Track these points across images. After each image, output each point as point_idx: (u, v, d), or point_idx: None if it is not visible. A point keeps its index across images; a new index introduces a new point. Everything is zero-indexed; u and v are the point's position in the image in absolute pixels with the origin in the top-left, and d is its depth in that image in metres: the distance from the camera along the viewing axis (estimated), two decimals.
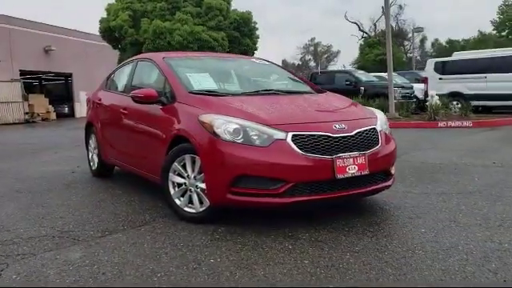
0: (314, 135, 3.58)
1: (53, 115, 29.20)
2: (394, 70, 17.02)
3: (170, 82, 4.43)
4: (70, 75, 31.94)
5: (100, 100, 6.06)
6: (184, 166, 3.97)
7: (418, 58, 51.53)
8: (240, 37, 19.88)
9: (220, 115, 3.73)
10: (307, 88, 5.00)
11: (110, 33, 19.94)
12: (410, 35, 50.58)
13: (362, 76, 19.34)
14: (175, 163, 4.00)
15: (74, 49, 30.65)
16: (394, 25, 54.51)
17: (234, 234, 3.58)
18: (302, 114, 3.88)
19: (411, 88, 18.86)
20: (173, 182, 4.05)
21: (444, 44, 57.49)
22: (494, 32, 49.77)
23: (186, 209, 3.97)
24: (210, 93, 4.26)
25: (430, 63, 17.81)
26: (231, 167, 3.52)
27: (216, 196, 3.64)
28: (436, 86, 16.58)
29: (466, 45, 48.78)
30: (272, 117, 3.71)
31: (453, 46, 52.06)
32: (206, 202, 3.82)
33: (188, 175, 3.93)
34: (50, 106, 29.55)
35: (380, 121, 4.14)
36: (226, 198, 3.57)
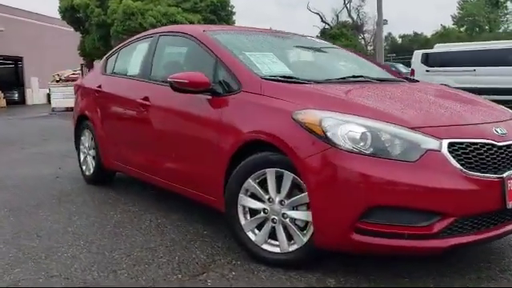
0: (475, 144, 2.43)
1: (2, 102, 26.79)
2: None
3: (228, 64, 3.16)
4: (21, 59, 29.53)
5: (100, 87, 4.66)
6: (262, 185, 2.74)
7: (373, 51, 51.19)
8: (217, 21, 18.41)
9: (330, 112, 2.52)
10: (389, 74, 3.84)
11: (72, 12, 18.01)
12: (370, 28, 50.51)
13: None
14: (249, 180, 2.76)
15: (26, 31, 28.23)
16: (355, 17, 54.26)
17: None
18: (443, 111, 2.71)
19: None
20: (244, 208, 2.82)
21: (397, 38, 57.46)
22: (454, 27, 50.42)
23: (266, 247, 2.74)
24: (288, 79, 3.03)
25: (417, 55, 17.07)
26: (360, 193, 2.32)
27: (332, 236, 2.43)
28: (423, 79, 15.91)
29: (417, 39, 48.76)
30: (410, 115, 2.54)
31: (406, 39, 52.07)
32: (300, 239, 2.61)
33: (270, 198, 2.70)
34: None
35: None
36: (349, 239, 2.36)
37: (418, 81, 3.71)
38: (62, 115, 17.29)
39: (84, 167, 5.01)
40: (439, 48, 18.08)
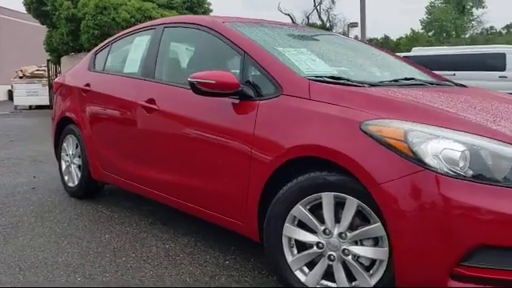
0: None
1: None
2: None
3: (262, 62, 2.60)
4: None
5: (88, 86, 4.02)
6: (314, 212, 2.20)
7: None
8: None
9: (415, 123, 2.00)
10: (431, 77, 3.36)
11: (38, 5, 16.94)
12: (340, 30, 50.69)
13: None
14: (299, 206, 2.22)
15: None
16: (325, 19, 54.41)
17: None
18: None
19: None
20: (290, 240, 2.28)
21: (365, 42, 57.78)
22: (422, 31, 51.06)
23: None
24: (338, 81, 2.50)
25: None
26: (462, 230, 1.81)
27: (421, 282, 1.91)
28: None
29: (387, 42, 49.11)
30: (510, 129, 2.05)
31: (374, 43, 52.42)
32: (366, 282, 2.08)
33: (326, 229, 2.16)
34: None
35: None
36: (445, 286, 1.85)
37: (465, 86, 3.24)
38: (25, 114, 16.31)
39: (67, 177, 4.35)
40: (417, 51, 17.97)
